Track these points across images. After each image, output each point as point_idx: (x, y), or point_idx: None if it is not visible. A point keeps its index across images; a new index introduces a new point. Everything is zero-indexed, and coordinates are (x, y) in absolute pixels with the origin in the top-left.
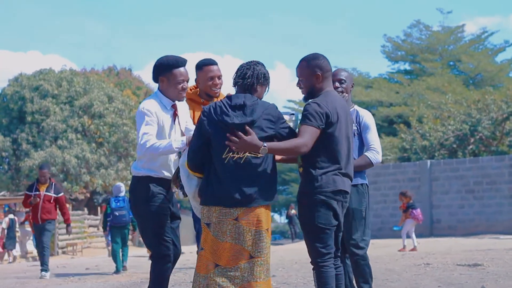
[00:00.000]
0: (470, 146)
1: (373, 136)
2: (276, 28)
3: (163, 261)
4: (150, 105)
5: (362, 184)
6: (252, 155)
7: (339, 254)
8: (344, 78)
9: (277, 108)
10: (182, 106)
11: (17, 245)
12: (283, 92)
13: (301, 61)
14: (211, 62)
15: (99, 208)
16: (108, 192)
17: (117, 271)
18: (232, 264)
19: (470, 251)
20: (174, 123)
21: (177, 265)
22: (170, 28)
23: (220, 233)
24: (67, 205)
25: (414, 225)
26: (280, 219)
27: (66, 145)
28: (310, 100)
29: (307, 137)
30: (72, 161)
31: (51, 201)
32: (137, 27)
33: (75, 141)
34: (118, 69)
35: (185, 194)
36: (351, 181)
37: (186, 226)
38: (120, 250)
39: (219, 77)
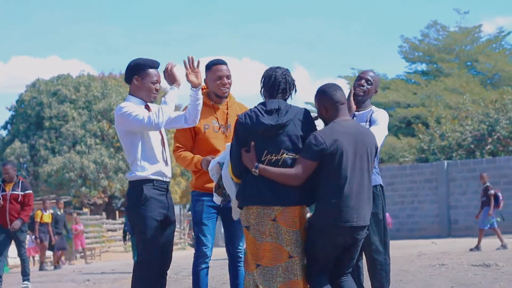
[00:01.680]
0: (488, 146)
1: (377, 129)
2: (294, 31)
3: (146, 266)
4: (129, 104)
5: (375, 186)
6: (289, 156)
7: (345, 274)
8: (371, 79)
9: (309, 112)
10: (154, 108)
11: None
12: (301, 94)
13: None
14: (220, 62)
15: (117, 213)
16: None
17: None
18: (273, 264)
19: (486, 252)
20: None
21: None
22: (188, 32)
23: (259, 234)
24: (85, 210)
25: None
26: None
27: (84, 150)
28: (312, 133)
29: (299, 169)
30: (91, 166)
31: (19, 200)
32: (154, 32)
33: (94, 146)
34: None
35: (225, 201)
36: (364, 215)
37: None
38: None
39: (228, 77)
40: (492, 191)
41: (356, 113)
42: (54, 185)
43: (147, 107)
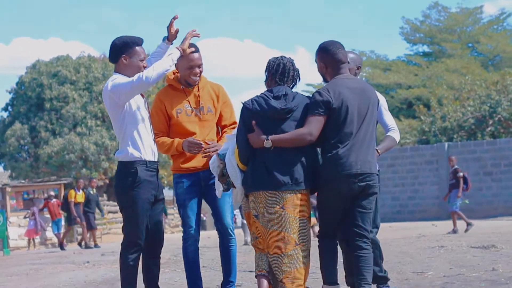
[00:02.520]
0: (489, 128)
1: (388, 116)
2: (295, 12)
3: (133, 249)
4: (117, 76)
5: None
6: None
7: (364, 236)
8: (348, 60)
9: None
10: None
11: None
12: (303, 76)
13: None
14: (192, 50)
15: None
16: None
17: None
18: (280, 251)
19: (486, 233)
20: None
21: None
22: (190, 14)
23: (268, 222)
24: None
25: None
26: None
27: (85, 132)
28: (315, 90)
29: (311, 126)
30: (91, 148)
31: None
32: (156, 13)
33: (94, 127)
34: None
35: (228, 190)
36: (368, 162)
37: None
38: None
39: (199, 66)
40: (461, 174)
41: None
42: (55, 167)
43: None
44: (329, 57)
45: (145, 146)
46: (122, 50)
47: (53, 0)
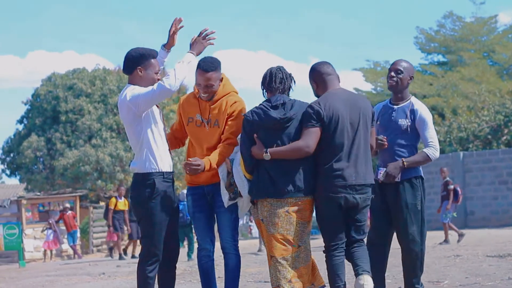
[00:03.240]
0: (504, 137)
1: (431, 132)
2: (309, 23)
3: (150, 259)
4: (133, 87)
5: (416, 177)
6: None
7: (358, 241)
8: (402, 69)
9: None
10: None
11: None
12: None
13: None
14: (203, 68)
15: None
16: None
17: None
18: (284, 254)
19: (503, 243)
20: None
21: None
22: (204, 25)
23: (272, 225)
24: (102, 203)
25: None
26: None
27: (100, 144)
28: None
29: (307, 138)
30: (106, 160)
31: None
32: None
33: (109, 139)
34: None
35: (232, 200)
36: (363, 174)
37: None
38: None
39: (208, 86)
40: (452, 186)
41: (395, 106)
42: (70, 179)
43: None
44: (315, 73)
45: (162, 157)
46: (138, 62)
47: (68, 13)
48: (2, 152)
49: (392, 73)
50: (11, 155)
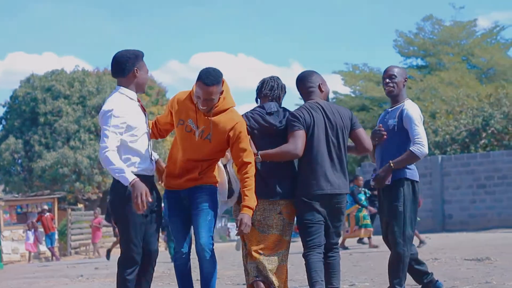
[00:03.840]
0: (482, 141)
1: (417, 129)
2: (289, 27)
3: (128, 263)
4: (119, 105)
5: (400, 179)
6: None
7: (334, 246)
8: (395, 74)
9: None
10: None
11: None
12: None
13: None
14: (205, 81)
15: None
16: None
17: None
18: (274, 252)
19: (480, 246)
20: (144, 115)
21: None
22: (183, 28)
23: (266, 227)
24: (80, 205)
25: None
26: None
27: (78, 146)
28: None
29: (295, 141)
30: (84, 162)
31: None
32: (150, 27)
33: (88, 141)
34: None
35: (230, 197)
36: (338, 184)
37: None
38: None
39: (207, 100)
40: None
41: (389, 109)
42: (48, 181)
43: (139, 100)
44: (300, 85)
45: (141, 161)
46: (134, 62)
47: (48, 15)
48: None
49: (387, 80)
50: None
